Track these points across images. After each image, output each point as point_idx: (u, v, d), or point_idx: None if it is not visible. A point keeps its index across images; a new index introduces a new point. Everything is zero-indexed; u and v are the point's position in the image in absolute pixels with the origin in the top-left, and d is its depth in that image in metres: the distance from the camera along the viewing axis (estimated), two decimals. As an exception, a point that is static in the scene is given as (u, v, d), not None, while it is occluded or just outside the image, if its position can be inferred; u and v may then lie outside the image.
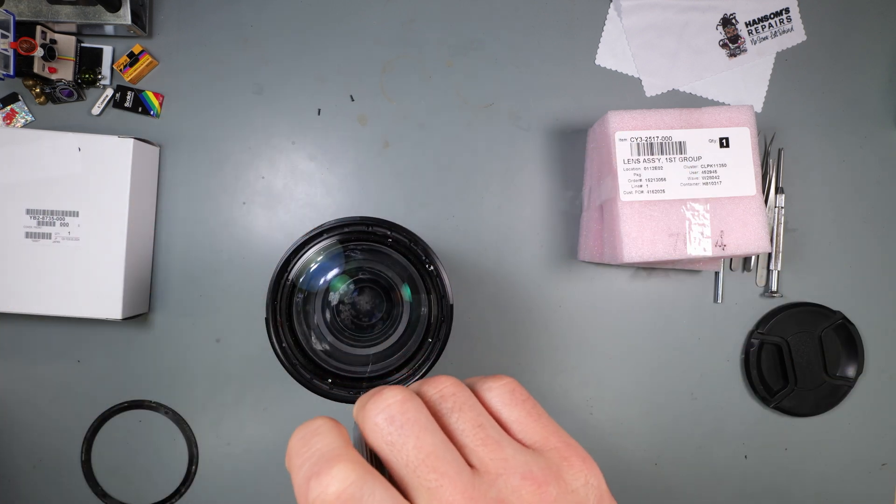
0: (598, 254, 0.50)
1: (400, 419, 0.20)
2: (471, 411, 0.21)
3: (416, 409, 0.20)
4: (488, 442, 0.20)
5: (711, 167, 0.45)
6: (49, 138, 0.47)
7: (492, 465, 0.20)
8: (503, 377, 0.23)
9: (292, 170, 0.54)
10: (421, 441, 0.19)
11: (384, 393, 0.21)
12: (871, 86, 0.56)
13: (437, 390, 0.22)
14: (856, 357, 0.55)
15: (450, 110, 0.54)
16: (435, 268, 0.35)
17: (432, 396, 0.22)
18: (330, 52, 0.54)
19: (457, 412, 0.21)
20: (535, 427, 0.22)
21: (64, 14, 0.49)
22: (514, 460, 0.20)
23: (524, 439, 0.22)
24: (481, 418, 0.21)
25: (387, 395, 0.20)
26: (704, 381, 0.55)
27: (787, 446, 0.55)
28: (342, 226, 0.35)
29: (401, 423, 0.20)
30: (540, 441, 0.21)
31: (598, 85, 0.55)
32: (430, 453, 0.19)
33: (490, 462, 0.20)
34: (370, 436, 0.20)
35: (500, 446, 0.20)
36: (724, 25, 0.55)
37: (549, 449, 0.21)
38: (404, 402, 0.20)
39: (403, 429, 0.20)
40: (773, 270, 0.55)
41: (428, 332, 0.36)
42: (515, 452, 0.20)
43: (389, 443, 0.20)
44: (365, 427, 0.20)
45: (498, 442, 0.20)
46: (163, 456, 0.53)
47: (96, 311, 0.48)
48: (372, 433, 0.20)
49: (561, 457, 0.21)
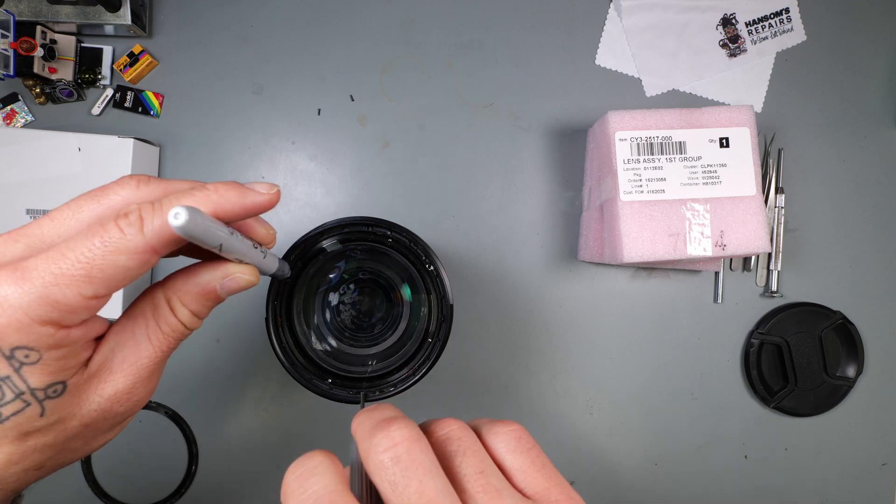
0: (598, 254, 0.50)
1: (405, 460, 0.20)
2: (474, 457, 0.21)
3: (421, 450, 0.20)
4: (489, 490, 0.20)
5: (711, 167, 0.45)
6: (49, 138, 0.47)
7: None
8: (511, 423, 0.23)
9: (292, 170, 0.54)
10: (424, 485, 0.20)
11: (391, 429, 0.21)
12: (871, 86, 0.56)
13: (444, 431, 0.22)
14: (856, 357, 0.55)
15: (450, 110, 0.54)
16: (435, 268, 0.35)
17: (439, 437, 0.22)
18: (330, 52, 0.54)
19: (461, 456, 0.21)
20: (537, 477, 0.22)
21: (64, 14, 0.49)
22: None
23: (525, 489, 0.22)
24: (484, 465, 0.21)
25: (394, 433, 0.21)
26: (704, 381, 0.55)
27: (787, 446, 0.55)
28: (342, 226, 0.35)
29: (406, 464, 0.20)
30: (541, 492, 0.21)
31: (598, 85, 0.55)
32: (431, 499, 0.19)
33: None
34: (374, 472, 0.20)
35: (500, 496, 0.20)
36: (724, 25, 0.55)
37: (550, 502, 0.21)
38: (412, 442, 0.20)
39: (408, 471, 0.20)
40: (773, 270, 0.55)
41: (428, 331, 0.36)
42: (516, 502, 0.20)
43: (392, 482, 0.20)
44: (368, 461, 0.21)
45: (499, 491, 0.20)
46: (163, 456, 0.53)
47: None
48: (376, 470, 0.20)
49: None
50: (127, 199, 0.24)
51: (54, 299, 0.21)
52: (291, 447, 0.53)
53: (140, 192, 0.25)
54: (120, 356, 0.25)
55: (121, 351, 0.26)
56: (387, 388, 0.34)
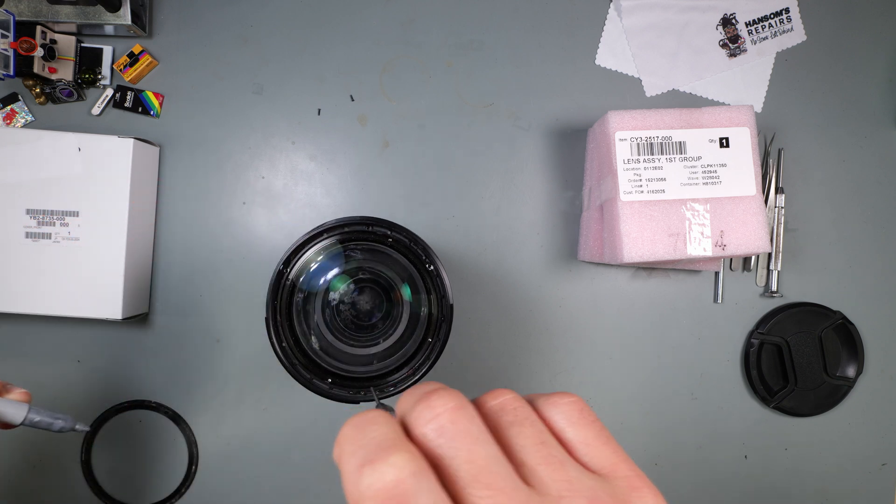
0: (598, 254, 0.50)
1: (451, 430, 0.18)
2: (532, 427, 0.19)
3: (468, 418, 0.18)
4: (551, 461, 0.18)
5: (711, 167, 0.45)
6: (49, 138, 0.47)
7: (553, 487, 0.18)
8: (570, 394, 0.21)
9: (292, 170, 0.54)
10: (473, 454, 0.18)
11: (433, 400, 0.19)
12: (871, 86, 0.56)
13: (497, 401, 0.20)
14: (856, 357, 0.55)
15: (450, 110, 0.54)
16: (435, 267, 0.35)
17: (491, 407, 0.20)
18: (330, 52, 0.54)
19: (517, 426, 0.19)
20: (604, 451, 0.20)
21: (64, 14, 0.49)
22: (578, 483, 0.18)
23: (589, 463, 0.20)
24: (544, 435, 0.19)
25: (436, 404, 0.19)
26: (704, 381, 0.55)
27: (787, 446, 0.55)
28: (342, 226, 0.35)
29: (452, 434, 0.18)
30: (608, 467, 0.19)
31: (598, 85, 0.55)
32: (482, 467, 0.17)
33: (552, 483, 0.18)
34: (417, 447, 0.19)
35: (564, 467, 0.18)
36: (724, 25, 0.55)
37: (617, 477, 0.19)
38: (456, 411, 0.18)
39: (455, 441, 0.18)
40: (773, 270, 0.55)
41: (428, 331, 0.36)
42: (581, 475, 0.18)
43: (438, 456, 0.18)
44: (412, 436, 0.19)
45: (562, 462, 0.18)
46: (163, 456, 0.53)
47: (96, 311, 0.48)
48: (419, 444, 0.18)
49: (631, 486, 0.19)
50: None
51: None
52: (291, 447, 0.53)
53: None
54: None
55: None
56: (387, 388, 0.34)
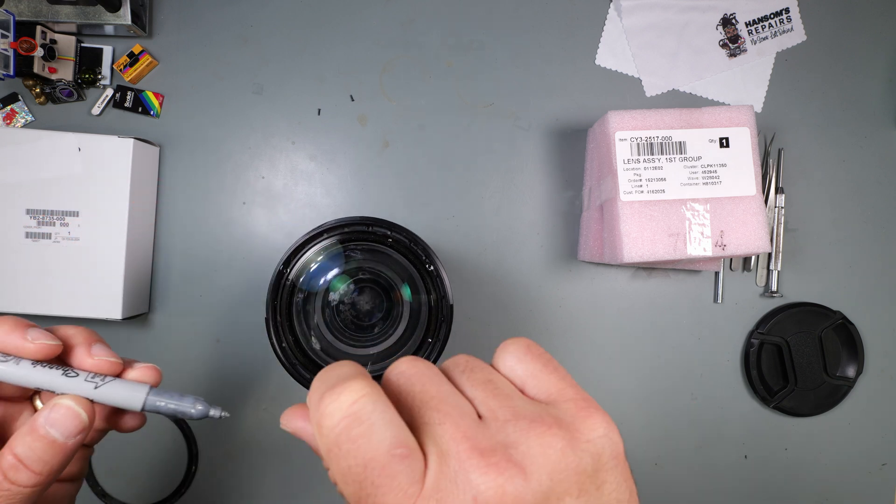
0: (598, 254, 0.50)
1: (409, 372, 0.21)
2: (480, 371, 0.21)
3: (426, 365, 0.21)
4: (498, 395, 0.20)
5: (711, 167, 0.45)
6: (49, 138, 0.47)
7: (500, 413, 0.19)
8: (519, 337, 0.23)
9: (292, 170, 0.54)
10: (427, 387, 0.20)
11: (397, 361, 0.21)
12: (871, 86, 0.56)
13: (451, 361, 0.23)
14: (856, 357, 0.55)
15: (450, 110, 0.54)
16: (435, 268, 0.35)
17: (446, 365, 0.23)
18: (330, 52, 0.54)
19: (468, 373, 0.21)
20: (550, 378, 0.21)
21: (64, 14, 0.49)
22: (523, 409, 0.19)
23: (538, 395, 0.21)
24: (491, 376, 0.21)
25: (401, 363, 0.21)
26: (704, 381, 0.55)
27: (787, 446, 0.55)
28: (342, 226, 0.35)
29: (409, 375, 0.20)
30: (555, 393, 0.21)
31: (598, 85, 0.55)
32: (434, 396, 0.19)
33: (498, 410, 0.19)
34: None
35: (510, 398, 0.20)
36: (724, 25, 0.55)
37: (565, 400, 0.20)
38: (414, 360, 0.21)
39: (412, 379, 0.20)
40: (773, 270, 0.55)
41: (428, 332, 0.36)
42: (526, 403, 0.20)
43: (397, 392, 0.20)
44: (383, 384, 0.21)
45: (508, 395, 0.20)
46: (163, 456, 0.53)
47: (96, 311, 0.48)
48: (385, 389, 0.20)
49: (578, 408, 0.20)
50: None
51: None
52: (291, 447, 0.53)
53: None
54: None
55: None
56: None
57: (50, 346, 0.26)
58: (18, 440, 0.24)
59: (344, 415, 0.18)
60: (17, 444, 0.24)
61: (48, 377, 0.25)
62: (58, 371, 0.25)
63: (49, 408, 0.25)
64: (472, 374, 0.21)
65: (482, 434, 0.18)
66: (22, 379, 0.25)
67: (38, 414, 0.25)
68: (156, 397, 0.27)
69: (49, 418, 0.24)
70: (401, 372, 0.21)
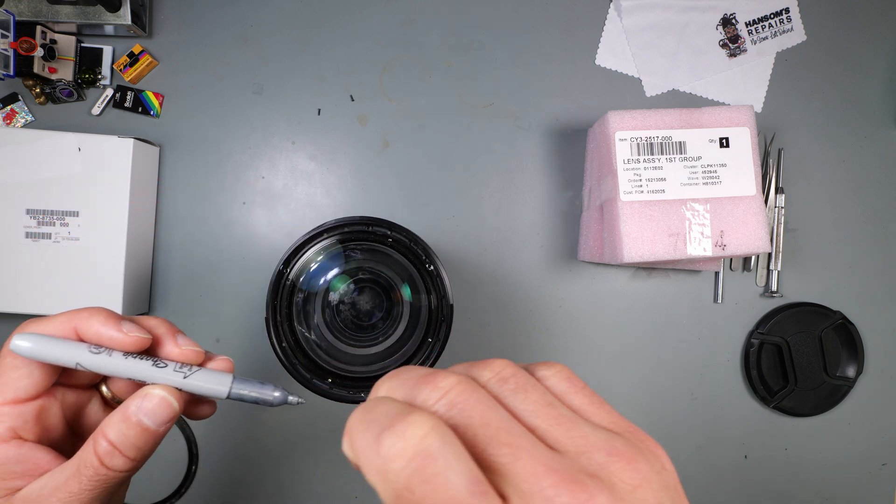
0: (598, 254, 0.50)
1: (461, 401, 0.18)
2: (535, 391, 0.19)
3: (474, 388, 0.18)
4: (562, 421, 0.18)
5: (711, 167, 0.45)
6: (49, 138, 0.47)
7: (571, 444, 0.18)
8: (555, 364, 0.21)
9: (292, 170, 0.54)
10: (486, 418, 0.17)
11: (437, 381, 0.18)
12: (871, 86, 0.56)
13: (493, 373, 0.20)
14: (856, 357, 0.55)
15: (450, 110, 0.54)
16: (435, 268, 0.35)
17: (489, 380, 0.20)
18: (330, 52, 0.54)
19: (521, 393, 0.19)
20: (600, 413, 0.20)
21: (64, 14, 0.49)
22: (594, 437, 0.18)
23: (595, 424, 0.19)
24: (549, 398, 0.19)
25: (441, 384, 0.18)
26: (704, 381, 0.55)
27: (787, 446, 0.55)
28: (342, 226, 0.35)
29: (462, 405, 0.18)
30: (611, 424, 0.19)
31: (598, 85, 0.55)
32: (499, 428, 0.17)
33: (568, 440, 0.18)
34: None
35: (576, 424, 0.18)
36: (724, 25, 0.55)
37: (624, 430, 0.19)
38: (461, 384, 0.18)
39: (466, 410, 0.18)
40: (773, 270, 0.55)
41: (428, 332, 0.36)
42: (594, 430, 0.18)
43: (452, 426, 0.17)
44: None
45: (573, 420, 0.18)
46: (163, 456, 0.53)
47: (96, 311, 0.47)
48: None
49: (642, 437, 0.19)
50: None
51: None
52: (291, 447, 0.53)
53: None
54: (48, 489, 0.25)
55: (46, 487, 0.25)
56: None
57: (144, 338, 0.26)
58: (112, 428, 0.25)
59: (413, 454, 0.16)
60: (110, 431, 0.25)
61: (140, 368, 0.26)
62: (148, 362, 0.26)
63: (141, 397, 0.25)
64: (527, 395, 0.19)
65: (565, 466, 0.17)
66: (115, 370, 0.25)
67: (128, 402, 0.25)
68: (240, 385, 0.28)
69: (142, 407, 0.25)
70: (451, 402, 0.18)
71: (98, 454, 0.25)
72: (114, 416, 0.25)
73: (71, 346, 0.25)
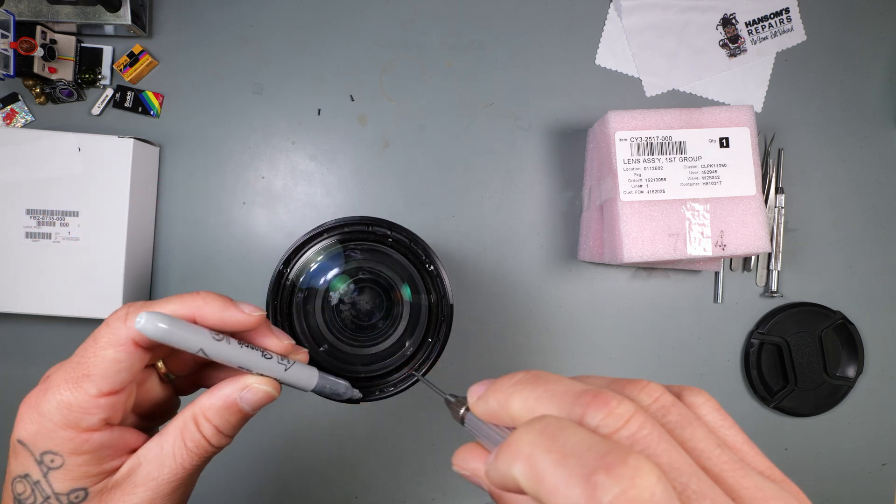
0: (598, 254, 0.50)
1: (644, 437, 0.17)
2: (700, 429, 0.18)
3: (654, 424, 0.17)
4: (734, 467, 0.17)
5: (711, 167, 0.45)
6: (49, 138, 0.47)
7: (746, 494, 0.17)
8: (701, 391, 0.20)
9: (292, 170, 0.54)
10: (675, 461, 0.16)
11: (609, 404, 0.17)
12: (871, 86, 0.56)
13: (651, 399, 0.19)
14: (856, 357, 0.55)
15: (450, 110, 0.54)
16: (435, 268, 0.35)
17: (649, 407, 0.19)
18: (330, 52, 0.54)
19: (688, 429, 0.18)
20: (757, 457, 0.19)
21: (64, 14, 0.49)
22: (766, 489, 0.17)
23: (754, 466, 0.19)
24: (714, 437, 0.18)
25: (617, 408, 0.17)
26: (704, 382, 0.55)
27: (787, 446, 0.55)
28: (342, 226, 0.35)
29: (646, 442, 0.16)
30: (767, 472, 0.18)
31: (598, 85, 0.55)
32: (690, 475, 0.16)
33: (743, 490, 0.17)
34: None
35: (746, 473, 0.17)
36: (724, 25, 0.55)
37: (780, 481, 0.18)
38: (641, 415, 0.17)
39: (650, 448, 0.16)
40: (773, 270, 0.55)
41: (428, 332, 0.36)
42: (762, 481, 0.17)
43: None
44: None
45: (743, 468, 0.17)
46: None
47: (96, 311, 0.48)
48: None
49: (791, 491, 0.18)
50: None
51: (67, 402, 0.24)
52: (291, 447, 0.53)
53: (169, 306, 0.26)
54: (144, 471, 0.26)
55: (146, 466, 0.26)
56: (387, 388, 0.34)
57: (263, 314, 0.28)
58: (215, 414, 0.27)
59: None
60: (214, 416, 0.27)
61: (250, 358, 0.27)
62: (257, 352, 0.27)
63: (244, 388, 0.27)
64: (693, 431, 0.18)
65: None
66: (229, 358, 0.26)
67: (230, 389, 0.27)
68: (323, 379, 0.30)
69: (245, 398, 0.27)
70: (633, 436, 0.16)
71: (206, 436, 0.27)
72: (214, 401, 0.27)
73: (198, 332, 0.25)
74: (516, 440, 0.17)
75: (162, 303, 0.26)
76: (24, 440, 0.25)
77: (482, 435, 0.22)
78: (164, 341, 0.24)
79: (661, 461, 0.16)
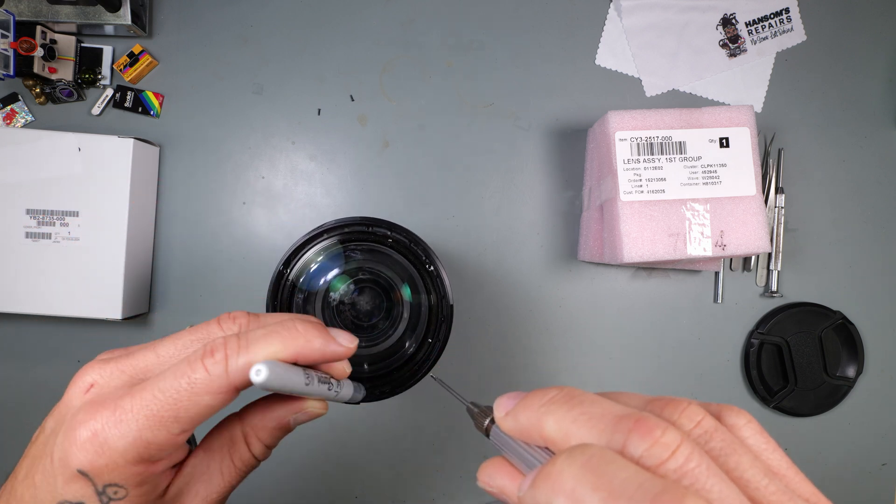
0: (598, 254, 0.50)
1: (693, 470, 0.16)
2: (745, 456, 0.18)
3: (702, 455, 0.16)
4: (784, 499, 0.17)
5: (711, 167, 0.45)
6: (49, 138, 0.47)
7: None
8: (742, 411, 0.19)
9: (292, 170, 0.54)
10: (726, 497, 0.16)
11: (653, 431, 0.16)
12: (871, 86, 0.56)
13: (692, 423, 0.18)
14: (856, 357, 0.55)
15: (450, 110, 0.54)
16: (435, 268, 0.35)
17: (692, 432, 0.18)
18: (330, 52, 0.54)
19: (733, 457, 0.17)
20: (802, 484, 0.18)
21: (64, 14, 0.49)
22: None
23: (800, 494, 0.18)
24: (760, 465, 0.18)
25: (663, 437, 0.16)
26: (704, 381, 0.55)
27: (787, 446, 0.55)
28: (342, 226, 0.35)
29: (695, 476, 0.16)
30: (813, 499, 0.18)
31: (598, 85, 0.55)
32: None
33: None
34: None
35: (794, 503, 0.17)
36: (724, 25, 0.55)
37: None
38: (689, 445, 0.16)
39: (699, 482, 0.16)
40: (773, 270, 0.55)
41: (428, 332, 0.36)
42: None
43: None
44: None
45: (791, 499, 0.17)
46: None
47: (96, 311, 0.48)
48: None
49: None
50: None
51: (147, 440, 0.23)
52: (291, 447, 0.53)
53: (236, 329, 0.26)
54: (193, 489, 0.26)
55: (195, 483, 0.26)
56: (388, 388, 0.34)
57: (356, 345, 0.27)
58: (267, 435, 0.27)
59: None
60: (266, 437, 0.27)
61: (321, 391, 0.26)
62: (325, 385, 0.27)
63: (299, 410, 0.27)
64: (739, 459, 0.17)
65: None
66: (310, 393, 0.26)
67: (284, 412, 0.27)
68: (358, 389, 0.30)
69: (298, 419, 0.27)
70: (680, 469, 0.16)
71: (255, 454, 0.27)
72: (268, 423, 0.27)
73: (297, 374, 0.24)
74: (558, 472, 0.16)
75: (262, 343, 0.24)
76: (88, 472, 0.23)
77: (510, 451, 0.20)
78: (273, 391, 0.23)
79: (711, 497, 0.16)
